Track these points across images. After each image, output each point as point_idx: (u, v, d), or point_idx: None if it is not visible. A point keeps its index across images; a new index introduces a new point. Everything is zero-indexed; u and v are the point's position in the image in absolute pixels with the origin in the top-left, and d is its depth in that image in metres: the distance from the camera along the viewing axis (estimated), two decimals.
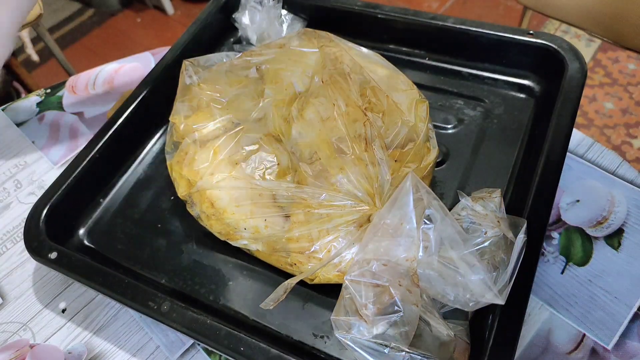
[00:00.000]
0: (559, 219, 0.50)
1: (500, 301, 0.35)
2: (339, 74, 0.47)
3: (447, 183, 0.50)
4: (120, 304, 0.47)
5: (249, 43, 0.60)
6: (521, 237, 0.37)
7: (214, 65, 0.53)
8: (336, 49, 0.50)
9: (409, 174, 0.37)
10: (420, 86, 0.51)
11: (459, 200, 0.39)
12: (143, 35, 1.87)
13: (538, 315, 0.45)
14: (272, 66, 0.50)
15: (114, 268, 0.44)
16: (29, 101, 0.67)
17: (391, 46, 0.60)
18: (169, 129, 0.52)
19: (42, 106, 0.66)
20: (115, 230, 0.51)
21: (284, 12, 0.58)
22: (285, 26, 0.58)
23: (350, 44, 0.51)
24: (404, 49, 0.60)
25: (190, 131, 0.49)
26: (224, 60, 0.54)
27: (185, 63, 0.52)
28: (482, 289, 0.34)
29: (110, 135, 0.52)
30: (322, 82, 0.46)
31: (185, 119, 0.50)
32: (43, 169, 0.60)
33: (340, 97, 0.45)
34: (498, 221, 0.38)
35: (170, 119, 0.51)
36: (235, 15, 0.60)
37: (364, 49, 0.51)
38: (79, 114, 0.65)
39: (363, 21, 0.59)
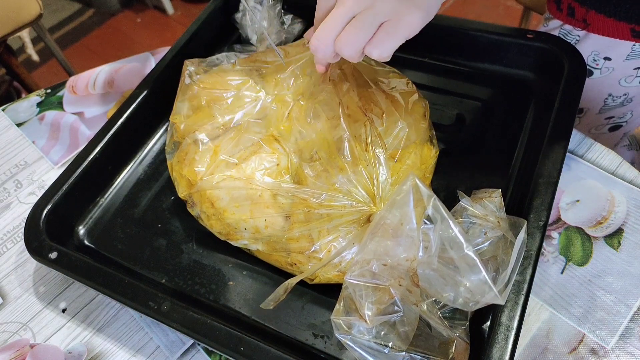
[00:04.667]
0: (558, 219, 0.50)
1: (500, 301, 0.35)
2: (344, 75, 0.47)
3: (447, 183, 0.50)
4: (120, 303, 0.47)
5: (249, 43, 0.60)
6: (521, 238, 0.37)
7: (215, 65, 0.53)
8: None
9: (410, 174, 0.37)
10: (420, 86, 0.51)
11: (459, 201, 0.39)
12: (143, 35, 1.87)
13: (538, 315, 0.45)
14: (273, 66, 0.50)
15: (114, 268, 0.44)
16: (29, 101, 0.67)
17: None
18: (169, 128, 0.52)
19: (42, 106, 0.66)
20: (115, 230, 0.51)
21: (283, 12, 0.58)
22: (285, 26, 0.58)
23: None
24: (404, 48, 0.59)
25: (190, 131, 0.49)
26: (225, 61, 0.54)
27: (187, 63, 0.52)
28: (482, 289, 0.35)
29: (110, 135, 0.52)
30: (330, 80, 0.46)
31: (185, 119, 0.50)
32: (43, 169, 0.60)
33: (343, 98, 0.45)
34: (498, 221, 0.38)
35: (170, 118, 0.51)
36: (236, 16, 0.60)
37: None
38: (79, 114, 0.65)
39: None
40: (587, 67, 0.64)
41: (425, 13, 0.36)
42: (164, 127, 0.59)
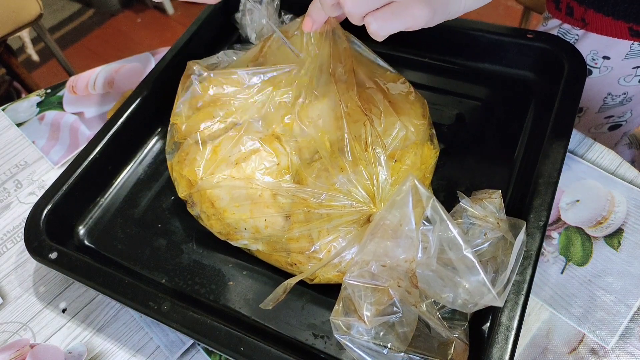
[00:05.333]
0: (558, 219, 0.50)
1: (499, 303, 0.35)
2: (346, 72, 0.47)
3: (447, 183, 0.50)
4: (120, 304, 0.47)
5: (249, 42, 0.60)
6: (521, 239, 0.37)
7: (215, 64, 0.53)
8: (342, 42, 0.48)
9: (409, 175, 0.37)
10: (420, 86, 0.51)
11: (459, 201, 0.39)
12: (143, 35, 1.88)
13: (538, 315, 0.45)
14: (273, 60, 0.50)
15: (114, 268, 0.44)
16: (29, 101, 0.67)
17: (391, 46, 0.60)
18: (169, 129, 0.52)
19: (42, 106, 0.66)
20: (115, 230, 0.51)
21: (283, 12, 0.58)
22: (284, 25, 0.58)
23: (352, 38, 0.50)
24: (403, 48, 0.60)
25: (191, 131, 0.49)
26: (224, 60, 0.53)
27: (190, 64, 0.52)
28: (481, 291, 0.34)
29: (110, 135, 0.52)
30: (331, 75, 0.45)
31: (186, 120, 0.50)
32: (43, 169, 0.60)
33: (343, 97, 0.45)
34: (498, 223, 0.38)
35: (171, 119, 0.51)
36: (236, 15, 0.60)
37: (363, 46, 0.51)
38: (79, 114, 0.65)
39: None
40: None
41: (432, 14, 0.36)
42: (164, 127, 0.59)
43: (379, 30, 0.36)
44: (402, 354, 0.35)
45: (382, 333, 0.35)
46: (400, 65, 0.52)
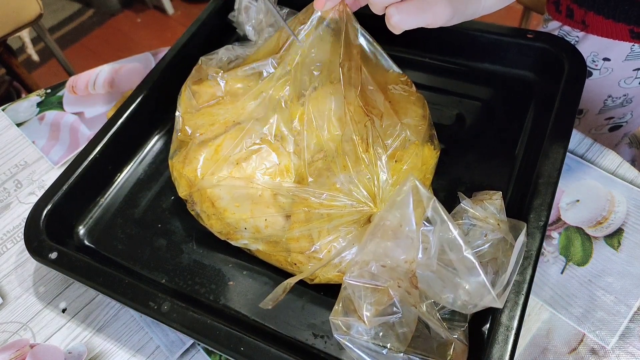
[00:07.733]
0: (558, 219, 0.50)
1: (499, 305, 0.35)
2: (353, 68, 0.46)
3: (447, 183, 0.50)
4: (120, 304, 0.47)
5: (248, 39, 0.60)
6: (521, 241, 0.37)
7: (216, 61, 0.53)
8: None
9: (409, 176, 0.37)
10: (420, 86, 0.51)
11: (460, 202, 0.39)
12: (143, 36, 1.88)
13: (538, 315, 0.45)
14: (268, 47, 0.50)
15: (114, 268, 0.44)
16: (29, 101, 0.67)
17: (391, 46, 0.60)
18: (175, 124, 0.51)
19: (42, 106, 0.66)
20: (115, 230, 0.51)
21: (279, 7, 0.58)
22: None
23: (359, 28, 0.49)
24: (404, 48, 0.60)
25: (193, 130, 0.49)
26: (224, 56, 0.53)
27: (202, 59, 0.52)
28: (481, 292, 0.34)
29: (110, 135, 0.52)
30: (341, 68, 0.45)
31: (189, 118, 0.50)
32: (43, 169, 0.60)
33: (348, 94, 0.45)
34: (498, 224, 0.38)
35: (176, 116, 0.51)
36: (231, 14, 0.60)
37: (370, 39, 0.50)
38: (79, 114, 0.65)
39: (361, 20, 0.59)
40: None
41: (452, 14, 0.35)
42: (164, 127, 0.59)
43: (400, 24, 0.34)
44: (402, 354, 0.35)
45: (381, 333, 0.35)
46: (400, 65, 0.52)
